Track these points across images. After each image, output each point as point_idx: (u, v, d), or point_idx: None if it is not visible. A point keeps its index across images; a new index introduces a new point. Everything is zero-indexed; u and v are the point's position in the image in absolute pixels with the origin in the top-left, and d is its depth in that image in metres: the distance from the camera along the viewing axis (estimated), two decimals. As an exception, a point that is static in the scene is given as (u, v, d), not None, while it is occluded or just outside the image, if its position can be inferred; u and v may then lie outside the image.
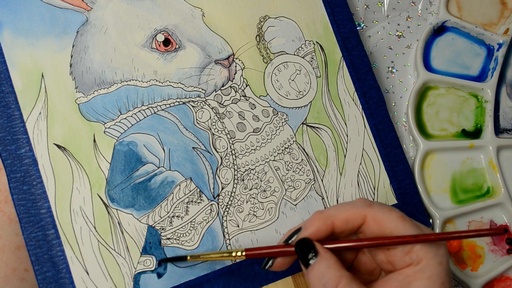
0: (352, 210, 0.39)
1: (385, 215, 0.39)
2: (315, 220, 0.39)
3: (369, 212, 0.39)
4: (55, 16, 0.47)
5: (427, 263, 0.37)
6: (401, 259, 0.38)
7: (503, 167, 0.57)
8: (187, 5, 0.50)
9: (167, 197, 0.46)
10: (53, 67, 0.46)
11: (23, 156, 0.44)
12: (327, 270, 0.37)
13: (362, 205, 0.39)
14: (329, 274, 0.37)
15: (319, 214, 0.39)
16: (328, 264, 0.37)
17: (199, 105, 0.49)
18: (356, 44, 0.54)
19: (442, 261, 0.38)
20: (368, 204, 0.39)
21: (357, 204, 0.40)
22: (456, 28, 0.58)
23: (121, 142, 0.46)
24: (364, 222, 0.39)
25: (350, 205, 0.40)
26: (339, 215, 0.39)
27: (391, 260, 0.39)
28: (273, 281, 0.47)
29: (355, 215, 0.39)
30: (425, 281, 0.37)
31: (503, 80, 0.59)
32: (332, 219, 0.39)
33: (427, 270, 0.37)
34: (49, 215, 0.43)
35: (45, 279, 0.42)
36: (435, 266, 0.37)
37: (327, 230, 0.39)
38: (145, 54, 0.48)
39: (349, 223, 0.39)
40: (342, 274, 0.37)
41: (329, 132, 0.51)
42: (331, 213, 0.39)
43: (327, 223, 0.39)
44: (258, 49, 0.51)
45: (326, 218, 0.39)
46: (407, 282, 0.37)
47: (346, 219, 0.39)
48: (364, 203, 0.40)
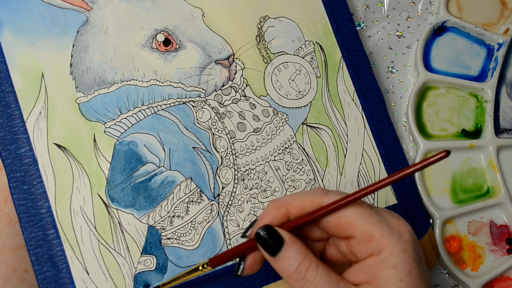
0: (308, 198, 0.37)
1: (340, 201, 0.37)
2: (269, 209, 0.38)
3: (325, 200, 0.37)
4: (55, 16, 0.46)
5: (390, 252, 0.35)
6: (361, 249, 0.36)
7: (503, 167, 0.57)
8: (187, 5, 0.50)
9: (168, 197, 0.46)
10: (53, 66, 0.46)
11: (23, 155, 0.44)
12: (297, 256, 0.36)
13: (318, 193, 0.38)
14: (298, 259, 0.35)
15: (274, 202, 0.38)
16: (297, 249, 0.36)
17: (199, 105, 0.49)
18: (355, 44, 0.54)
19: (406, 248, 0.35)
20: (325, 192, 0.37)
21: (314, 191, 0.38)
22: (456, 28, 0.58)
23: (122, 141, 0.46)
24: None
25: (306, 192, 0.38)
26: (294, 202, 0.37)
27: (352, 251, 0.37)
28: (274, 281, 0.47)
29: (311, 202, 0.37)
30: (390, 271, 0.35)
31: (503, 80, 0.59)
32: (287, 206, 0.37)
33: (390, 259, 0.35)
34: (49, 214, 0.43)
35: (45, 279, 0.42)
36: (398, 254, 0.35)
37: (281, 217, 0.37)
38: (145, 54, 0.48)
39: (305, 210, 0.37)
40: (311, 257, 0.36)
41: (329, 132, 0.51)
42: (286, 200, 0.38)
43: (281, 210, 0.37)
44: (258, 49, 0.51)
45: (280, 205, 0.37)
46: (372, 273, 0.35)
47: (302, 206, 0.37)
48: (321, 191, 0.38)
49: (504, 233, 0.56)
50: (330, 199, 0.37)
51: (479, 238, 0.55)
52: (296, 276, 0.35)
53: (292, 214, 0.37)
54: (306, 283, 0.35)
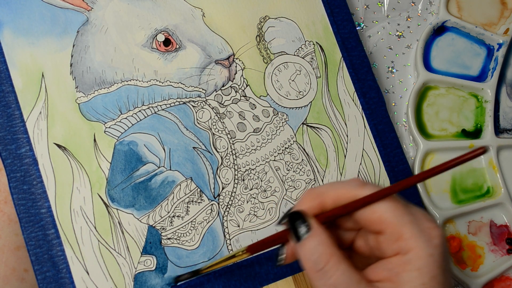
0: (344, 189, 0.37)
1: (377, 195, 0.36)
2: (305, 197, 0.37)
3: (361, 193, 0.36)
4: (55, 15, 0.46)
5: (416, 254, 0.34)
6: (389, 246, 0.36)
7: (503, 167, 0.57)
8: (188, 5, 0.50)
9: (168, 197, 0.46)
10: (53, 66, 0.46)
11: (23, 155, 0.44)
12: (318, 247, 0.35)
13: (355, 184, 0.37)
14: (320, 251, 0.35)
15: (310, 191, 0.38)
16: (320, 240, 0.35)
17: (200, 105, 0.49)
18: (355, 45, 0.54)
19: (434, 253, 0.34)
20: (361, 184, 0.37)
21: (351, 183, 0.37)
22: (456, 28, 0.58)
23: (122, 141, 0.46)
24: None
25: (342, 183, 0.38)
26: (330, 193, 0.37)
27: (380, 246, 0.37)
28: (274, 281, 0.47)
29: (347, 194, 0.37)
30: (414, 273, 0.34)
31: (503, 80, 0.59)
32: (323, 196, 0.37)
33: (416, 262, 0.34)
34: (49, 214, 0.43)
35: (45, 279, 0.42)
36: (425, 257, 0.34)
37: (317, 207, 0.37)
38: (146, 54, 0.48)
39: (340, 201, 0.37)
40: (333, 252, 0.35)
41: (329, 132, 0.51)
42: (322, 190, 0.37)
43: (317, 200, 0.37)
44: (258, 50, 0.51)
45: (317, 195, 0.37)
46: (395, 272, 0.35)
47: (337, 197, 0.37)
48: (358, 183, 0.37)
49: (504, 233, 0.56)
50: (366, 192, 0.36)
51: (479, 238, 0.55)
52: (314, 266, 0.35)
53: (327, 204, 0.37)
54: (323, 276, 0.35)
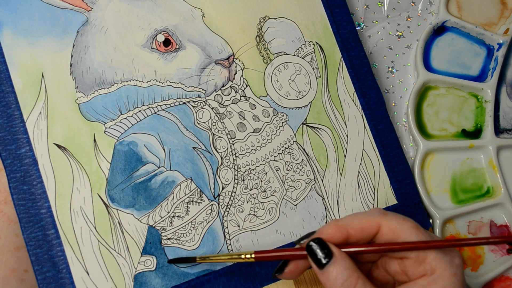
0: (367, 219, 0.39)
1: (399, 225, 0.39)
2: (330, 227, 0.39)
3: (383, 221, 0.39)
4: (55, 16, 0.47)
5: (441, 274, 0.37)
6: (415, 269, 0.38)
7: (503, 167, 0.57)
8: (187, 6, 0.50)
9: (168, 197, 0.46)
10: (53, 67, 0.46)
11: (23, 156, 0.44)
12: (344, 271, 0.37)
13: (377, 214, 0.40)
14: (346, 274, 0.37)
15: (335, 222, 0.40)
16: (345, 264, 0.38)
17: (199, 105, 0.49)
18: (355, 45, 0.54)
19: (457, 273, 0.38)
20: (383, 213, 0.40)
21: (372, 213, 0.40)
22: (456, 28, 0.58)
23: (122, 142, 0.46)
24: (379, 231, 0.39)
25: (365, 214, 0.40)
26: (354, 224, 0.39)
27: (405, 270, 0.39)
28: (274, 281, 0.47)
29: (370, 223, 0.39)
30: None
31: (503, 80, 0.59)
32: (347, 227, 0.39)
33: (440, 281, 0.37)
34: (49, 215, 0.43)
35: (45, 279, 0.42)
36: (449, 277, 0.37)
37: (341, 237, 0.39)
38: (146, 54, 0.48)
39: (364, 231, 0.39)
40: (359, 275, 0.37)
41: (329, 132, 0.51)
42: (347, 221, 0.40)
43: (342, 231, 0.39)
44: (258, 50, 0.51)
45: (341, 227, 0.39)
46: None
47: (361, 228, 0.39)
48: (379, 212, 0.40)
49: (504, 233, 0.55)
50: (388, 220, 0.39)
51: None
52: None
53: (352, 235, 0.39)
54: None
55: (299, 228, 0.49)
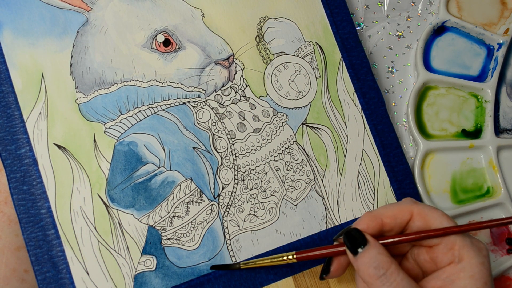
0: (399, 207, 0.41)
1: (430, 211, 0.41)
2: (364, 217, 0.41)
3: (415, 208, 0.41)
4: (55, 16, 0.47)
5: (469, 262, 0.38)
6: (443, 256, 0.39)
7: (503, 167, 0.57)
8: (187, 6, 0.50)
9: (168, 197, 0.46)
10: (53, 67, 0.46)
11: (23, 156, 0.44)
12: (378, 256, 0.39)
13: (409, 202, 0.42)
14: (380, 259, 0.38)
15: (368, 213, 0.41)
16: (379, 250, 0.39)
17: (199, 105, 0.49)
18: (355, 45, 0.54)
19: (484, 262, 0.39)
20: (414, 202, 0.42)
21: (404, 201, 0.42)
22: (456, 28, 0.58)
23: (122, 142, 0.46)
24: (411, 217, 0.41)
25: (397, 203, 0.42)
26: (387, 212, 0.41)
27: (434, 258, 0.40)
28: (274, 281, 0.47)
29: (403, 211, 0.41)
30: (467, 280, 0.38)
31: (503, 80, 0.59)
32: (381, 217, 0.41)
33: (469, 269, 0.38)
34: (49, 215, 0.43)
35: (45, 279, 0.42)
36: (477, 265, 0.38)
37: (376, 227, 0.41)
38: (146, 55, 0.48)
39: (397, 218, 0.41)
40: (392, 260, 0.39)
41: (329, 132, 0.51)
42: (380, 211, 0.41)
43: (377, 221, 0.41)
44: (258, 50, 0.51)
45: (375, 216, 0.41)
46: (450, 280, 0.38)
47: (394, 215, 0.41)
48: (411, 201, 0.42)
49: (504, 233, 0.55)
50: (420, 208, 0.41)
51: (479, 238, 0.55)
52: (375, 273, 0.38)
53: (386, 224, 0.41)
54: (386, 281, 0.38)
55: (299, 228, 0.49)
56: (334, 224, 0.49)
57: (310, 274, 0.49)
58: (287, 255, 0.43)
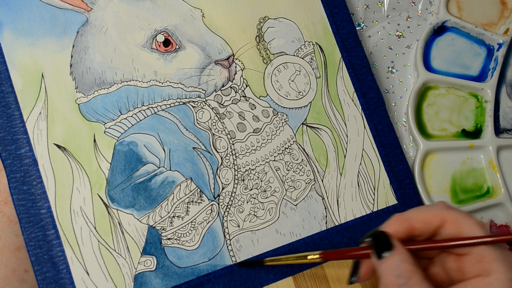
0: (431, 211, 0.39)
1: (463, 219, 0.38)
2: (394, 221, 0.39)
3: (448, 214, 0.38)
4: (55, 16, 0.47)
5: (498, 277, 0.36)
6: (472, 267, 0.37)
7: (503, 167, 0.57)
8: (187, 6, 0.50)
9: (168, 197, 0.46)
10: (53, 67, 0.46)
11: (23, 156, 0.44)
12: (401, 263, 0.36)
13: (441, 207, 0.39)
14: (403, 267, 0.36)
15: (398, 216, 0.39)
16: (403, 258, 0.37)
17: (199, 105, 0.49)
18: (355, 45, 0.54)
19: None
20: (447, 207, 0.39)
21: (437, 206, 0.39)
22: (456, 28, 0.58)
23: (122, 142, 0.46)
24: (443, 224, 0.39)
25: (429, 207, 0.39)
26: (418, 216, 0.39)
27: (462, 268, 0.38)
28: (274, 281, 0.47)
29: (435, 216, 0.38)
30: None
31: (503, 80, 0.59)
32: (411, 220, 0.39)
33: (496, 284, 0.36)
34: (49, 215, 0.43)
35: (45, 279, 0.42)
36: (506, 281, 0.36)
37: (405, 231, 0.38)
38: (145, 55, 0.48)
39: (428, 223, 0.38)
40: (416, 269, 0.36)
41: (329, 132, 0.51)
42: (410, 215, 0.39)
43: (406, 224, 0.38)
44: (258, 50, 0.51)
45: (405, 220, 0.39)
46: None
47: (425, 220, 0.38)
48: (444, 206, 0.39)
49: (504, 233, 0.55)
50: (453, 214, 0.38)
51: (479, 238, 0.55)
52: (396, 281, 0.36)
53: (416, 228, 0.38)
54: None
55: (299, 228, 0.49)
56: (334, 224, 0.49)
57: (310, 274, 0.49)
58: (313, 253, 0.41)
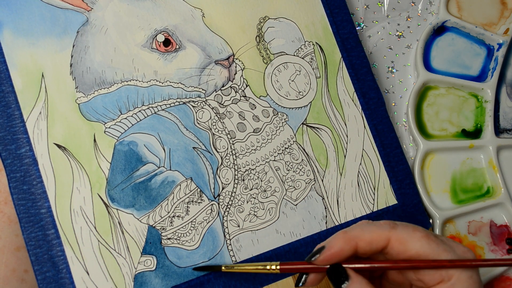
0: (376, 232, 0.39)
1: (409, 235, 0.39)
2: (338, 239, 0.39)
3: (393, 234, 0.39)
4: (55, 16, 0.47)
5: (458, 278, 0.37)
6: (431, 277, 0.38)
7: (503, 167, 0.57)
8: (187, 6, 0.50)
9: (168, 197, 0.46)
10: (53, 67, 0.46)
11: (23, 155, 0.44)
12: None
13: (386, 227, 0.40)
14: None
15: (343, 234, 0.40)
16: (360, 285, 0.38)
17: (200, 105, 0.49)
18: (355, 45, 0.54)
19: (472, 275, 0.38)
20: (392, 226, 0.40)
21: (382, 226, 0.40)
22: (456, 28, 0.58)
23: (122, 142, 0.46)
24: (388, 244, 0.39)
25: (375, 226, 0.40)
26: (363, 236, 0.39)
27: (421, 278, 0.39)
28: (274, 281, 0.47)
29: (380, 236, 0.39)
30: None
31: (503, 80, 0.59)
32: (356, 240, 0.39)
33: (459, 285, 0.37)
34: (49, 215, 0.43)
35: (45, 279, 0.42)
36: (466, 280, 0.37)
37: (350, 250, 0.39)
38: (146, 54, 0.48)
39: (373, 244, 0.39)
40: None
41: (329, 132, 0.51)
42: (355, 234, 0.39)
43: (351, 244, 0.39)
44: (258, 50, 0.51)
45: (350, 239, 0.39)
46: None
47: (371, 241, 0.39)
48: (389, 226, 0.40)
49: (504, 233, 0.55)
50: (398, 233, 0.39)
51: (479, 238, 0.55)
52: None
53: (360, 248, 0.39)
54: None
55: (299, 228, 0.49)
56: (334, 224, 0.49)
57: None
58: (271, 264, 0.42)
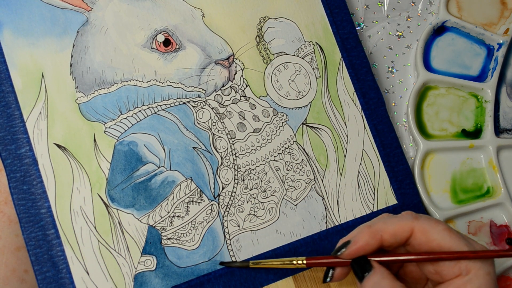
0: (399, 223, 0.40)
1: (432, 227, 0.40)
2: (364, 233, 0.40)
3: (416, 225, 0.40)
4: (55, 16, 0.47)
5: (476, 273, 0.38)
6: (449, 270, 0.39)
7: (503, 167, 0.57)
8: (187, 6, 0.50)
9: (168, 197, 0.46)
10: (53, 67, 0.46)
11: (23, 155, 0.44)
12: (381, 281, 0.38)
13: (409, 218, 0.40)
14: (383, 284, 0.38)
15: (367, 228, 0.40)
16: (382, 275, 0.39)
17: (200, 105, 0.49)
18: (355, 45, 0.54)
19: (490, 271, 0.38)
20: (415, 217, 0.40)
21: (404, 217, 0.41)
22: (456, 28, 0.58)
23: (122, 142, 0.46)
24: (412, 234, 0.40)
25: (397, 218, 0.41)
26: (387, 229, 0.40)
27: (439, 271, 0.40)
28: (274, 281, 0.47)
29: (403, 228, 0.40)
30: None
31: (503, 80, 0.59)
32: (381, 233, 0.40)
33: (476, 281, 0.38)
34: (49, 215, 0.43)
35: (45, 279, 0.42)
36: (483, 276, 0.38)
37: (375, 243, 0.40)
38: (146, 54, 0.48)
39: (397, 236, 0.40)
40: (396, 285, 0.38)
41: (329, 132, 0.51)
42: (379, 227, 0.40)
43: (376, 237, 0.40)
44: (258, 50, 0.51)
45: (374, 232, 0.40)
46: None
47: (394, 233, 0.40)
48: (411, 216, 0.41)
49: (504, 233, 0.55)
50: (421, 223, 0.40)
51: (479, 238, 0.55)
52: None
53: (385, 240, 0.40)
54: None
55: (299, 228, 0.49)
56: (334, 224, 0.49)
57: (310, 274, 0.49)
58: (298, 259, 0.43)
